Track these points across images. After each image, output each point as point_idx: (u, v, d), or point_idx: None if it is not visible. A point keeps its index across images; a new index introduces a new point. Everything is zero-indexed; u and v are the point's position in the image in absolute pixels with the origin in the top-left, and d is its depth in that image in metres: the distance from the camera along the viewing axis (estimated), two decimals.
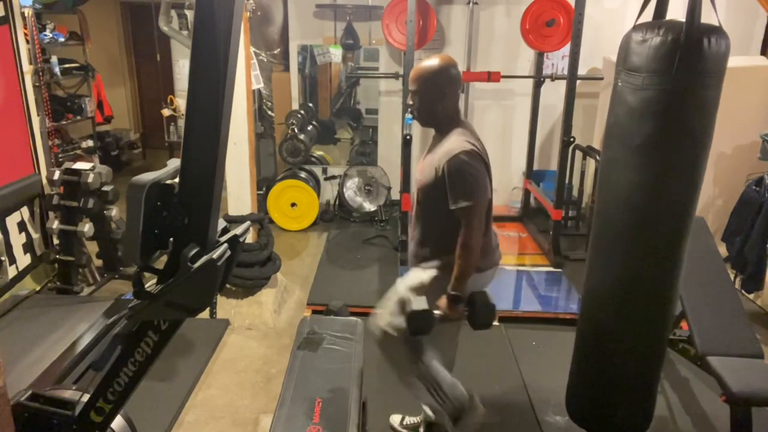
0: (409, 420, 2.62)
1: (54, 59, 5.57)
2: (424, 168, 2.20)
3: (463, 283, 2.09)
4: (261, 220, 3.73)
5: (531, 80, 5.10)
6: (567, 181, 4.60)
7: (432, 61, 2.15)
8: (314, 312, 3.49)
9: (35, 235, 3.68)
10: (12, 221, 3.47)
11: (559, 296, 3.95)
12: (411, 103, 2.20)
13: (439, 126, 2.19)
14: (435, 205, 2.14)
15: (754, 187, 3.73)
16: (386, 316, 2.27)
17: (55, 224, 3.59)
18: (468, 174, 2.05)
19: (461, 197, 2.05)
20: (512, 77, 5.01)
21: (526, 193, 5.34)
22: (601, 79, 4.96)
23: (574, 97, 4.22)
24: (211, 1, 1.46)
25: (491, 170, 2.19)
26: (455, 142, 2.08)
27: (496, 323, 3.54)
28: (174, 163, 1.68)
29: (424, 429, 2.57)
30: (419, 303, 2.07)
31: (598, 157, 4.33)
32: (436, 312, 2.10)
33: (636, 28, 1.74)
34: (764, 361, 2.46)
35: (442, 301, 2.10)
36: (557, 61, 5.27)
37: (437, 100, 2.14)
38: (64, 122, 5.89)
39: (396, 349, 2.27)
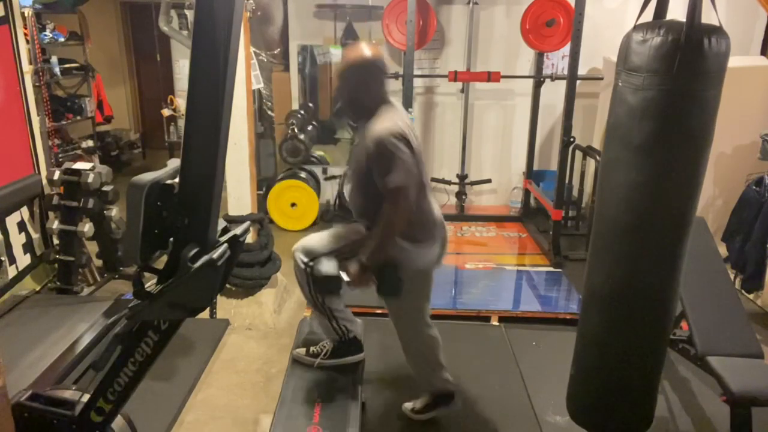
0: (314, 348, 2.65)
1: (54, 59, 5.57)
2: (356, 154, 2.29)
3: (377, 256, 2.16)
4: (261, 220, 3.72)
5: (531, 80, 5.10)
6: (567, 181, 4.61)
7: (353, 55, 2.20)
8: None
9: (35, 235, 3.68)
10: (12, 221, 3.47)
11: (559, 296, 3.96)
12: (336, 98, 2.26)
13: (367, 116, 2.22)
14: (366, 187, 2.21)
15: (754, 187, 3.73)
16: (302, 251, 2.43)
17: (55, 224, 3.59)
18: (392, 155, 2.08)
19: (387, 177, 2.09)
20: (512, 77, 5.01)
21: (526, 193, 5.35)
22: (601, 79, 4.96)
23: (574, 97, 4.22)
24: (211, 1, 1.46)
25: (419, 148, 2.23)
26: (380, 124, 2.13)
27: (495, 323, 3.55)
28: (174, 163, 1.68)
29: (331, 352, 2.61)
30: (329, 267, 2.19)
31: (598, 157, 4.33)
32: (346, 277, 2.20)
33: (636, 28, 1.74)
34: (764, 361, 2.46)
35: (352, 267, 2.18)
36: (557, 61, 5.27)
37: (361, 94, 2.19)
38: (64, 122, 5.89)
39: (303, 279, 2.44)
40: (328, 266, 2.19)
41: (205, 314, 3.42)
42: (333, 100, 2.37)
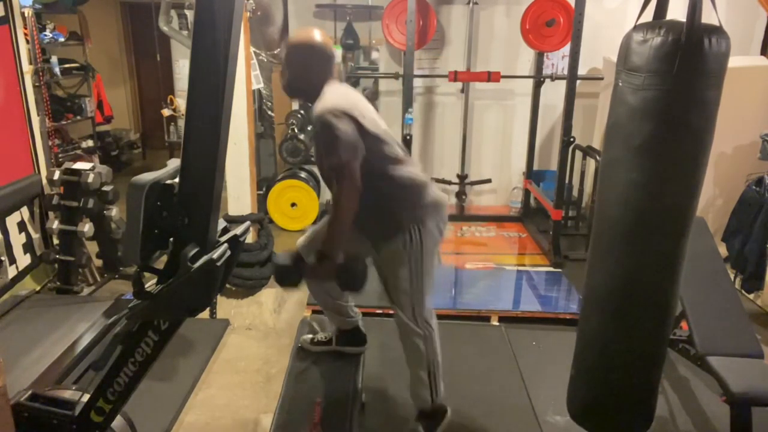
0: (321, 336, 2.73)
1: (54, 59, 5.57)
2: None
3: (333, 243, 2.06)
4: (261, 220, 3.73)
5: (531, 80, 5.10)
6: (567, 181, 4.60)
7: (300, 37, 2.17)
8: (314, 312, 3.48)
9: (35, 235, 3.68)
10: (12, 221, 3.47)
11: (559, 296, 3.95)
12: (281, 76, 2.22)
13: (309, 98, 2.19)
14: (323, 169, 2.15)
15: (754, 187, 3.73)
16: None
17: (55, 224, 3.59)
18: (332, 132, 2.01)
19: (329, 156, 2.03)
20: (512, 77, 5.01)
21: (526, 193, 5.35)
22: (601, 79, 4.96)
23: (574, 97, 4.21)
24: (211, 1, 1.46)
25: (373, 123, 2.13)
26: (320, 103, 2.08)
27: (495, 323, 3.55)
28: (174, 163, 1.68)
29: (335, 340, 2.69)
30: (283, 257, 2.10)
31: (598, 157, 4.33)
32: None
33: (636, 28, 1.74)
34: (764, 361, 2.46)
35: (310, 258, 2.10)
36: (557, 61, 5.26)
37: (304, 74, 2.15)
38: (64, 122, 5.89)
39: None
40: (282, 257, 2.08)
41: (205, 314, 3.43)
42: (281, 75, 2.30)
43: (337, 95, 2.12)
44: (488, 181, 5.47)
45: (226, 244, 1.67)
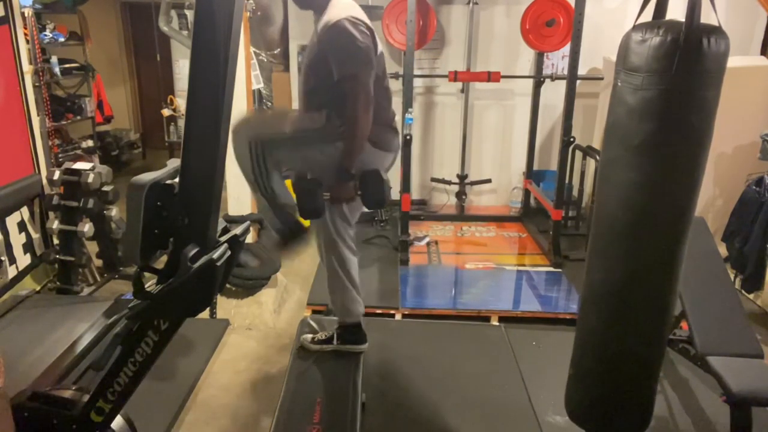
0: (321, 335, 2.75)
1: (54, 59, 5.57)
2: (308, 51, 2.16)
3: (353, 157, 2.02)
4: (261, 220, 3.73)
5: (531, 80, 5.10)
6: (567, 181, 4.61)
7: None
8: (314, 312, 3.49)
9: (35, 235, 3.68)
10: (12, 221, 3.47)
11: (559, 296, 3.96)
12: None
13: (318, 5, 2.16)
14: (322, 85, 2.05)
15: (754, 187, 3.73)
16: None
17: (55, 224, 3.60)
18: (349, 42, 1.95)
19: (344, 67, 1.96)
20: (512, 77, 5.01)
21: (526, 193, 5.35)
22: (601, 79, 4.96)
23: (574, 97, 4.21)
24: (211, 1, 1.46)
25: (377, 42, 2.10)
26: (333, 12, 2.02)
27: (495, 323, 3.55)
28: (174, 163, 1.68)
29: (336, 338, 2.72)
30: (306, 183, 2.08)
31: (598, 157, 4.33)
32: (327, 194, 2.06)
33: (636, 28, 1.74)
34: (764, 361, 2.46)
35: (329, 179, 2.07)
36: (557, 61, 5.26)
37: None
38: (64, 122, 5.88)
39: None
40: (305, 183, 2.04)
41: (205, 314, 3.43)
42: None
43: (350, 5, 2.06)
44: (488, 181, 5.47)
45: (226, 244, 1.67)
